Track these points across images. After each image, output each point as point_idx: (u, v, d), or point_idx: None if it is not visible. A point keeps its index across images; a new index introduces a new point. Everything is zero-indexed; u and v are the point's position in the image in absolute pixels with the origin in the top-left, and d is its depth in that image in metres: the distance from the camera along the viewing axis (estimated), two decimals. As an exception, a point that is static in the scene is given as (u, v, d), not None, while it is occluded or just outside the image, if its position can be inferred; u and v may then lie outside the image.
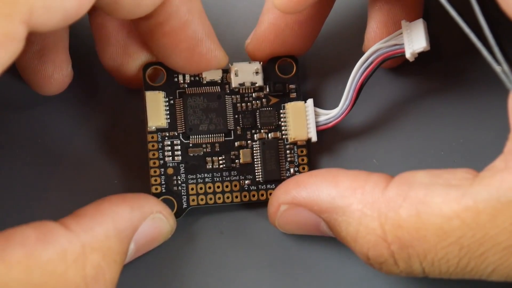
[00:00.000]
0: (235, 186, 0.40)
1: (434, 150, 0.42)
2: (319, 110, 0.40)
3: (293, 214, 0.37)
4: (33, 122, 0.42)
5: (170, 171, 0.39)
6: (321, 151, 0.42)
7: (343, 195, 0.35)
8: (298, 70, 0.41)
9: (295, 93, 0.41)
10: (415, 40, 0.38)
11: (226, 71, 0.40)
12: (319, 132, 0.40)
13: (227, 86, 0.40)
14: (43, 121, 0.42)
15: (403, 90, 0.43)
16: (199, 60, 0.38)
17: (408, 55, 0.38)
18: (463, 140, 0.42)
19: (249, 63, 0.40)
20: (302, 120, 0.40)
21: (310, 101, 0.40)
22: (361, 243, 0.35)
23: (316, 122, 0.40)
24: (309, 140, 0.40)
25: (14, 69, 0.40)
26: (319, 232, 0.38)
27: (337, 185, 0.36)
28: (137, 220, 0.36)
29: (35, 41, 0.38)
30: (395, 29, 0.39)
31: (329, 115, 0.40)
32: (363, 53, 0.39)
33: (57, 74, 0.39)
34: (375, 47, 0.39)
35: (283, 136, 0.40)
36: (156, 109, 0.39)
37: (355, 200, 0.35)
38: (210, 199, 0.39)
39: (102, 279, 0.34)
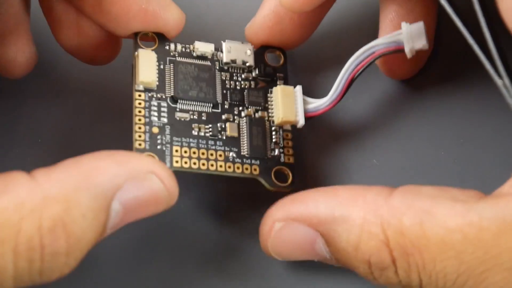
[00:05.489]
0: (220, 156, 0.38)
1: (434, 150, 0.42)
2: (308, 99, 0.40)
3: (288, 232, 0.35)
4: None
5: (155, 130, 0.37)
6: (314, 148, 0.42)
7: (344, 204, 0.34)
8: (286, 62, 0.41)
9: (282, 81, 0.40)
10: (415, 39, 0.39)
11: (217, 49, 0.40)
12: (310, 122, 0.40)
13: (217, 63, 0.40)
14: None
15: (404, 90, 0.44)
16: (154, 20, 0.38)
17: (406, 49, 0.39)
18: (463, 140, 0.42)
19: (242, 43, 0.40)
20: (291, 102, 0.39)
21: (299, 87, 0.40)
22: (364, 249, 0.33)
23: (305, 109, 0.40)
24: (294, 125, 0.39)
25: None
26: (313, 253, 0.35)
27: (337, 196, 0.35)
28: (120, 177, 0.32)
29: None
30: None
31: (318, 103, 0.40)
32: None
33: (20, 57, 0.39)
34: (373, 43, 0.40)
35: (270, 118, 0.39)
36: (148, 67, 0.38)
37: (356, 208, 0.34)
38: (194, 163, 0.37)
39: (62, 232, 0.31)
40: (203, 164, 0.37)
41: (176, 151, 0.37)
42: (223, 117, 0.39)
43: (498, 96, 0.38)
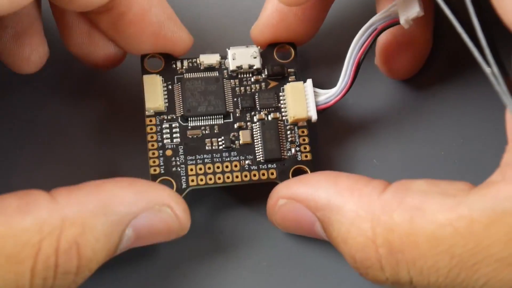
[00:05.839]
0: (235, 166, 0.39)
1: (434, 150, 0.42)
2: (318, 90, 0.40)
3: (290, 210, 0.36)
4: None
5: (168, 152, 0.39)
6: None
7: (340, 194, 0.35)
8: (296, 56, 0.41)
9: (294, 76, 0.40)
10: (409, 8, 0.38)
11: (224, 57, 0.40)
12: (321, 115, 0.40)
13: (225, 71, 0.40)
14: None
15: (404, 90, 0.43)
16: (164, 43, 0.39)
17: (402, 21, 0.38)
18: (463, 140, 0.42)
19: (247, 47, 0.40)
20: (301, 99, 0.39)
21: (309, 81, 0.40)
22: (351, 244, 0.34)
23: (316, 102, 0.40)
24: (309, 120, 0.39)
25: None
26: (313, 233, 0.36)
27: (337, 184, 0.35)
28: (137, 207, 0.35)
29: (9, 25, 0.38)
30: None
31: (328, 94, 0.40)
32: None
33: (34, 56, 0.39)
34: (370, 22, 0.39)
35: (283, 117, 0.40)
36: (154, 92, 0.39)
37: (351, 200, 0.34)
38: (210, 179, 0.39)
39: (75, 254, 0.33)
40: (219, 178, 0.39)
41: (191, 170, 0.38)
42: (236, 125, 0.39)
43: (498, 96, 0.37)
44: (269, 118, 0.40)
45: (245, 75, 0.40)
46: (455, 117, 0.42)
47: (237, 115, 0.40)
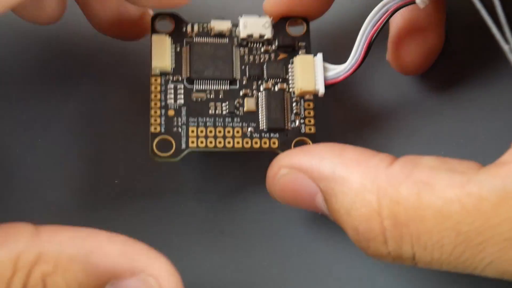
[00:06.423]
0: (237, 132, 0.38)
1: (434, 150, 0.40)
2: (328, 65, 0.39)
3: (292, 180, 0.36)
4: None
5: (171, 112, 0.38)
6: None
7: (346, 165, 0.34)
8: (308, 30, 0.40)
9: (304, 50, 0.40)
10: None
11: (235, 25, 0.40)
12: (329, 90, 0.39)
13: (235, 39, 0.40)
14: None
15: (404, 90, 0.43)
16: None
17: (418, 0, 0.38)
18: (463, 140, 0.42)
19: (259, 17, 0.40)
20: (310, 72, 0.39)
21: (319, 55, 0.39)
22: (354, 215, 0.33)
23: (325, 77, 0.39)
24: (316, 94, 0.39)
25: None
26: (313, 205, 0.36)
27: (342, 155, 0.34)
28: (121, 269, 0.32)
29: None
30: None
31: (338, 70, 0.39)
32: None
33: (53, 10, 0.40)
34: (385, 0, 0.39)
35: (290, 89, 0.39)
36: (162, 52, 0.39)
37: (357, 171, 0.33)
38: (210, 142, 0.38)
39: None
40: (220, 142, 0.38)
41: (192, 131, 0.38)
42: (241, 92, 0.39)
43: (501, 96, 0.38)
44: (276, 88, 0.39)
45: (255, 45, 0.40)
46: (456, 117, 0.42)
47: (244, 82, 0.39)
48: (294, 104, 0.39)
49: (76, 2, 0.41)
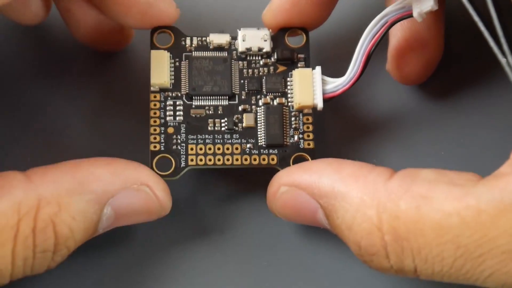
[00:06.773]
0: (236, 149, 0.38)
1: (434, 150, 0.42)
2: (327, 78, 0.39)
3: (292, 197, 0.36)
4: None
5: (170, 130, 0.38)
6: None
7: (345, 181, 0.34)
8: (308, 41, 0.40)
9: (303, 62, 0.40)
10: (423, 1, 0.37)
11: (234, 38, 0.40)
12: (329, 110, 0.40)
13: (234, 52, 0.40)
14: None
15: (404, 91, 0.43)
16: (151, 20, 0.39)
17: (415, 14, 0.37)
18: (464, 140, 0.42)
19: (258, 29, 0.40)
20: (308, 86, 0.39)
21: (318, 68, 0.39)
22: (356, 230, 0.33)
23: (323, 90, 0.39)
24: (315, 108, 0.39)
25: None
26: (315, 221, 0.36)
27: (340, 171, 0.35)
28: (114, 185, 0.35)
29: None
30: None
31: (336, 83, 0.39)
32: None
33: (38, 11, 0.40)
34: (383, 13, 0.38)
35: (289, 103, 0.39)
36: (160, 67, 0.39)
37: (356, 187, 0.34)
38: (210, 160, 0.38)
39: (52, 233, 0.33)
40: (219, 160, 0.38)
41: (191, 149, 0.38)
42: (240, 108, 0.39)
43: (500, 97, 0.38)
44: (275, 103, 0.39)
45: (254, 58, 0.40)
46: (456, 117, 0.42)
47: (243, 97, 0.39)
48: (293, 118, 0.39)
49: (58, 9, 0.41)
